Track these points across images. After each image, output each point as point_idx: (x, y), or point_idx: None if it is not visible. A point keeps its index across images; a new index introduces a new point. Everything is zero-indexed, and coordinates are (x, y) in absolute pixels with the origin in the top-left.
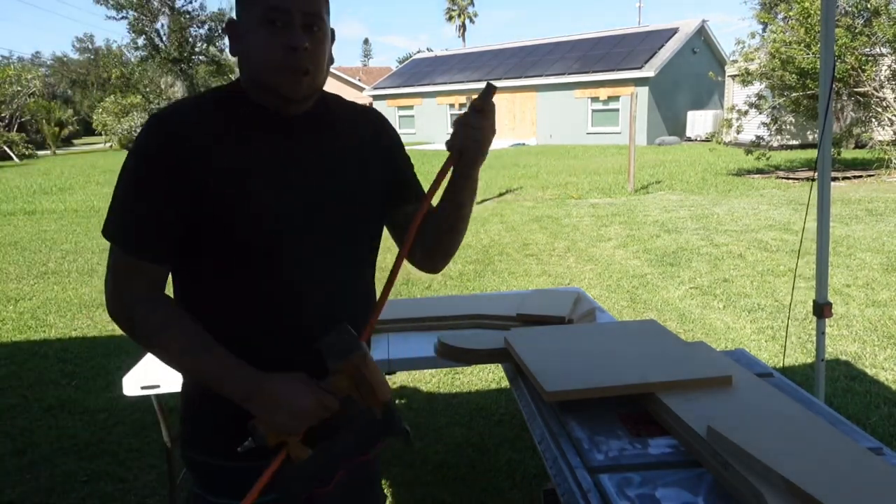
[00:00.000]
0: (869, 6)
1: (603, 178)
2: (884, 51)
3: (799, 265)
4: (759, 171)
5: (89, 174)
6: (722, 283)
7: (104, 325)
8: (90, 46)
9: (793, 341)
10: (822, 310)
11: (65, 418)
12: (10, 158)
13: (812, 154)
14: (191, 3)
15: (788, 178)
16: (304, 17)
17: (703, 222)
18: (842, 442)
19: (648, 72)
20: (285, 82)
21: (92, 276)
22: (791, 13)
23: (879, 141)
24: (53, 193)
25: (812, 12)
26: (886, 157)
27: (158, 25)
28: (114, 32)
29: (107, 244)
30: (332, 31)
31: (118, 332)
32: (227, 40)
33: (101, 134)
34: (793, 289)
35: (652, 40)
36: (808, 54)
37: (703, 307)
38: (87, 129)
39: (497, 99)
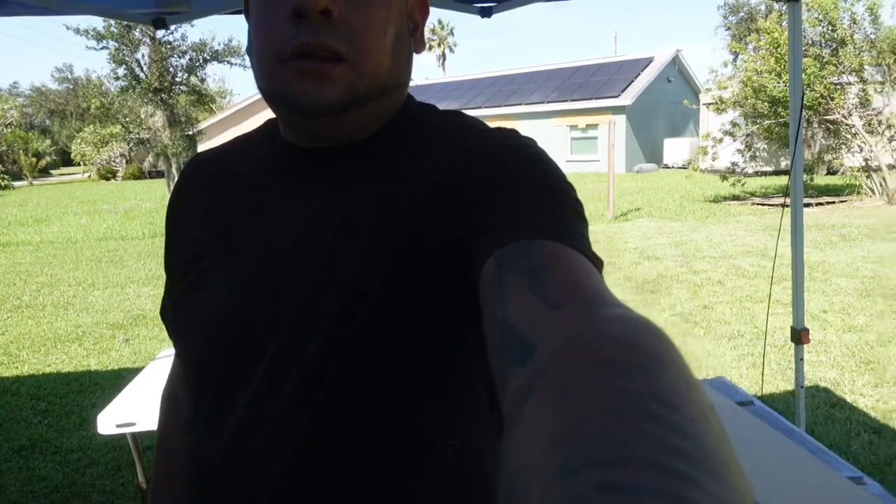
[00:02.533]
0: (835, 36)
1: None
2: (851, 79)
3: (776, 291)
4: (736, 198)
5: (66, 205)
6: (702, 309)
7: (79, 360)
8: (69, 76)
9: (772, 368)
10: (799, 336)
11: (36, 459)
12: None
13: (786, 180)
14: (172, 34)
15: (764, 205)
16: None
17: (683, 249)
18: (822, 472)
19: (625, 100)
20: (289, 77)
21: (67, 309)
22: (761, 43)
23: (850, 167)
24: (29, 225)
25: (781, 42)
26: (857, 182)
27: (139, 55)
28: (93, 62)
29: (83, 276)
30: None
31: (93, 367)
32: (210, 68)
33: (79, 164)
34: (767, 316)
35: (628, 70)
36: (779, 83)
37: (685, 335)
38: (65, 160)
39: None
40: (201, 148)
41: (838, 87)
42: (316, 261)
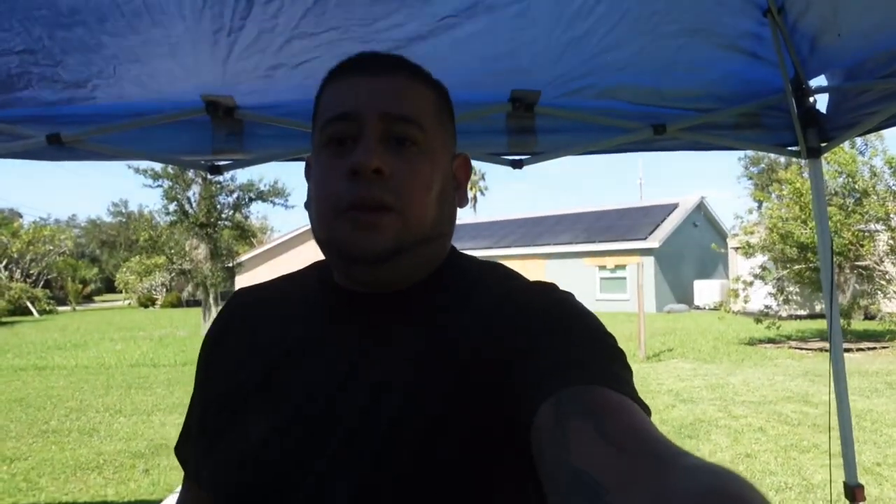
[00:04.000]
0: (857, 187)
1: None
2: (878, 227)
3: (823, 441)
4: (771, 341)
5: (104, 331)
6: (744, 458)
7: (97, 489)
8: (123, 210)
9: None
10: (853, 493)
11: None
12: (31, 314)
13: (821, 324)
14: (223, 175)
15: (801, 349)
16: (383, 122)
17: (719, 392)
18: None
19: (653, 243)
20: (344, 227)
21: (92, 435)
22: (784, 193)
23: (889, 313)
24: (67, 349)
25: (804, 192)
26: None
27: (190, 193)
28: (147, 198)
29: (112, 402)
30: (464, 158)
31: (111, 497)
32: (254, 206)
33: (121, 291)
34: (830, 476)
35: (654, 214)
36: (805, 229)
37: None
38: (108, 287)
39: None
40: (239, 279)
41: (867, 234)
42: (358, 409)
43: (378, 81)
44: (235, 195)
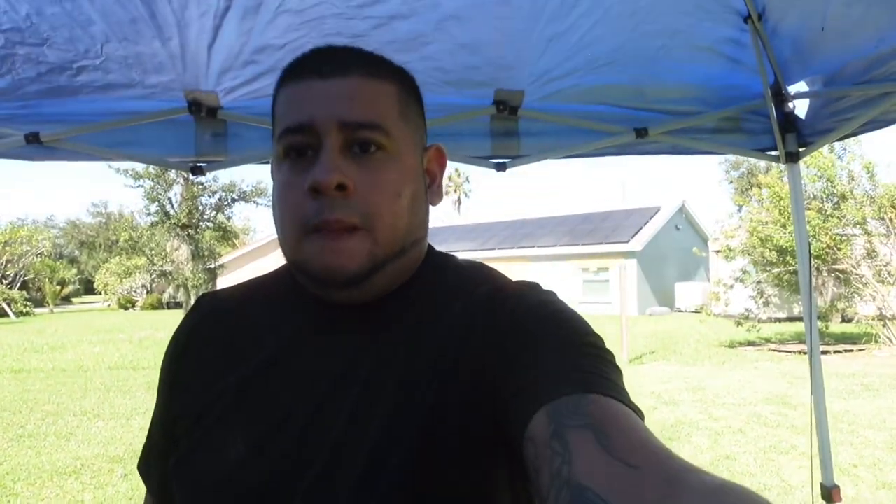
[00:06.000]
0: (835, 191)
1: None
2: (855, 231)
3: (801, 442)
4: (751, 344)
5: (83, 333)
6: (724, 459)
7: (74, 494)
8: (103, 211)
9: None
10: (830, 493)
11: None
12: (7, 316)
13: (800, 327)
14: (205, 176)
15: (781, 351)
16: (342, 132)
17: (700, 395)
18: None
19: (636, 245)
20: (313, 250)
21: (69, 440)
22: (763, 197)
23: (865, 315)
24: (44, 352)
25: (783, 195)
26: (874, 331)
27: (171, 194)
28: (127, 198)
29: (90, 406)
30: (437, 149)
31: (86, 503)
32: (237, 206)
33: (101, 293)
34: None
35: (636, 217)
36: (785, 233)
37: None
38: (87, 288)
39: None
40: (221, 281)
41: (844, 238)
42: (343, 420)
43: (333, 85)
44: (218, 196)
